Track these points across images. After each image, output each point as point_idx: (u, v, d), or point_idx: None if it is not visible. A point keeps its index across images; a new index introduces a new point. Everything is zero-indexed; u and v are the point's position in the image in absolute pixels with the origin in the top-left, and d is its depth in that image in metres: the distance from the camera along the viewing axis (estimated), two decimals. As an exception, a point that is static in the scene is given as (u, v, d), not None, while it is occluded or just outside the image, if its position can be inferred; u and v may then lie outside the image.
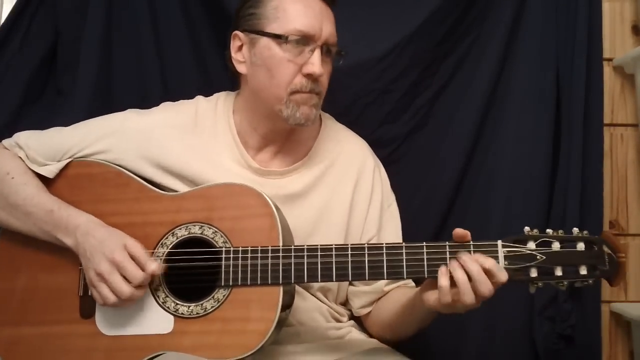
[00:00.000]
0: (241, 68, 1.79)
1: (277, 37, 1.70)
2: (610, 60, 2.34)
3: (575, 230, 1.54)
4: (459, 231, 1.55)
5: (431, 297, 1.53)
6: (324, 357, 1.70)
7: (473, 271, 1.47)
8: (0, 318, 1.72)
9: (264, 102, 1.75)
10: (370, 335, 1.86)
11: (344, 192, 1.83)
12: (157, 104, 1.90)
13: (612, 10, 2.36)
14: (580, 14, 2.17)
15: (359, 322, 1.89)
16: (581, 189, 2.12)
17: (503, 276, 1.48)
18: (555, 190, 2.17)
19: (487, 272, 1.47)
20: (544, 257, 1.51)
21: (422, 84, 2.23)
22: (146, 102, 1.93)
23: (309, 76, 1.70)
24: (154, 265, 1.60)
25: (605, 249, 1.52)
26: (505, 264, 1.51)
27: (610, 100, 2.34)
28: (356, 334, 1.84)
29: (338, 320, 1.84)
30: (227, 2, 2.14)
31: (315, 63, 1.69)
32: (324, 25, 1.72)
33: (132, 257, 1.60)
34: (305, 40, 1.70)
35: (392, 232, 1.88)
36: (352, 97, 2.17)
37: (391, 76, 2.20)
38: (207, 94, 1.92)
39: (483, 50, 2.24)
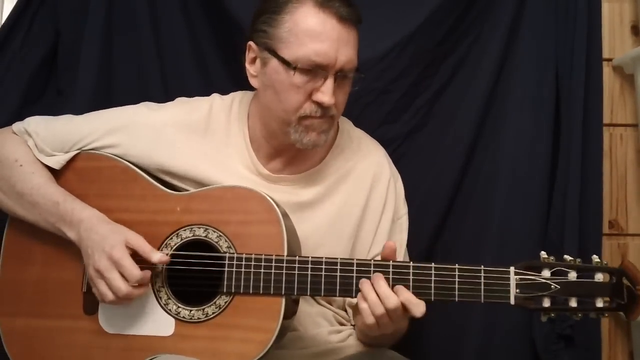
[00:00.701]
0: (254, 82, 1.74)
1: (286, 64, 1.63)
2: (609, 60, 2.34)
3: (595, 258, 1.49)
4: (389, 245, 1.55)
5: (359, 320, 1.54)
6: (325, 362, 1.71)
7: (382, 298, 1.49)
8: (12, 309, 1.72)
9: (273, 121, 1.73)
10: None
11: (356, 203, 1.81)
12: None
13: (611, 11, 2.37)
14: (580, 14, 2.17)
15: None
16: (581, 188, 2.12)
17: (418, 310, 1.48)
18: (554, 190, 2.17)
19: (402, 304, 1.48)
20: (559, 287, 1.46)
21: (422, 84, 2.23)
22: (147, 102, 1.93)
23: (319, 104, 1.65)
24: (159, 255, 1.60)
25: (625, 281, 1.46)
26: (516, 292, 1.48)
27: (610, 100, 2.34)
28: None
29: (342, 324, 1.83)
30: (228, 3, 2.14)
31: (326, 92, 1.64)
32: (340, 53, 1.63)
33: (135, 251, 1.60)
34: (316, 69, 1.63)
35: (398, 244, 1.82)
36: (352, 97, 2.15)
37: (391, 76, 2.20)
38: (207, 94, 1.91)
39: (483, 50, 2.24)
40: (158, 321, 1.62)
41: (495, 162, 2.22)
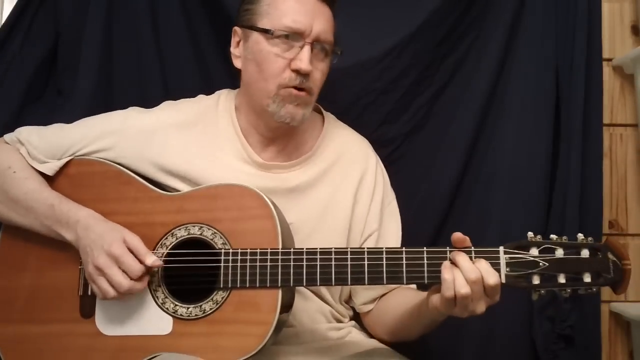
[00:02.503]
0: (237, 63, 1.81)
1: (265, 32, 1.71)
2: (609, 60, 2.34)
3: (580, 236, 1.52)
4: (458, 235, 1.53)
5: (435, 299, 1.52)
6: (323, 358, 1.70)
7: (464, 266, 1.47)
8: (4, 316, 1.72)
9: (253, 97, 1.77)
10: (371, 336, 1.86)
11: (347, 188, 1.83)
12: (157, 104, 1.90)
13: (611, 11, 2.37)
14: (580, 14, 2.17)
15: (360, 321, 1.89)
16: (581, 188, 2.12)
17: (492, 279, 1.46)
18: (554, 190, 2.17)
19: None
20: (547, 264, 1.48)
21: (422, 84, 2.23)
22: (146, 102, 1.93)
23: (297, 71, 1.70)
24: (153, 258, 1.60)
25: (610, 256, 1.48)
26: (506, 271, 1.49)
27: (610, 100, 2.34)
28: (356, 334, 1.84)
29: (339, 321, 1.84)
30: (227, 2, 2.15)
31: (303, 59, 1.69)
32: (316, 22, 1.72)
33: (131, 251, 1.60)
34: (293, 36, 1.71)
35: (393, 228, 1.88)
36: (352, 97, 2.17)
37: (391, 76, 2.20)
38: (208, 94, 1.92)
39: (483, 50, 2.24)
40: (156, 320, 1.62)
41: (495, 162, 2.23)
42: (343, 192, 1.83)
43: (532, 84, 2.22)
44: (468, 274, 1.46)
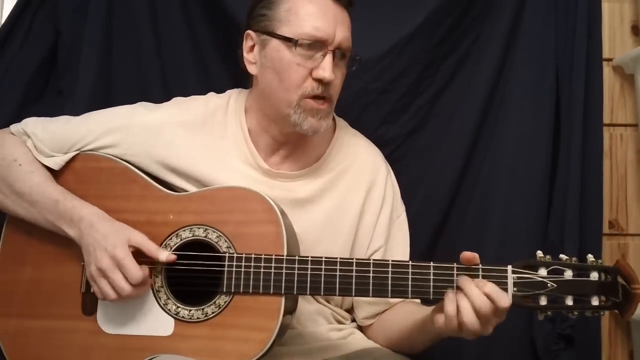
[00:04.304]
0: (252, 69, 1.76)
1: (287, 40, 1.67)
2: (609, 60, 2.35)
3: (590, 257, 1.50)
4: (467, 254, 1.51)
5: (440, 319, 1.51)
6: (324, 357, 1.70)
7: (472, 295, 1.45)
8: (5, 309, 1.72)
9: (272, 105, 1.74)
10: (371, 336, 1.86)
11: (354, 199, 1.82)
12: (156, 103, 1.89)
13: (611, 11, 2.37)
14: (580, 14, 2.18)
15: (361, 322, 1.89)
16: (581, 188, 2.12)
17: (504, 301, 1.45)
18: (554, 190, 2.17)
19: (487, 296, 1.45)
20: (555, 286, 1.47)
21: (422, 84, 2.23)
22: (146, 101, 1.92)
23: (319, 81, 1.67)
24: (166, 254, 1.60)
25: (620, 279, 1.47)
26: (514, 291, 1.48)
27: (610, 100, 2.35)
28: (358, 335, 1.83)
29: (340, 323, 1.83)
30: (227, 3, 2.15)
31: (326, 68, 1.66)
32: (338, 30, 1.68)
33: (139, 249, 1.59)
34: (316, 45, 1.67)
35: (399, 243, 1.86)
36: (352, 97, 2.16)
37: (391, 76, 2.20)
38: (208, 93, 1.91)
39: (483, 50, 2.24)
40: (157, 321, 1.62)
41: (495, 162, 2.23)
42: (349, 203, 1.81)
43: (532, 84, 2.22)
44: (476, 302, 1.45)
